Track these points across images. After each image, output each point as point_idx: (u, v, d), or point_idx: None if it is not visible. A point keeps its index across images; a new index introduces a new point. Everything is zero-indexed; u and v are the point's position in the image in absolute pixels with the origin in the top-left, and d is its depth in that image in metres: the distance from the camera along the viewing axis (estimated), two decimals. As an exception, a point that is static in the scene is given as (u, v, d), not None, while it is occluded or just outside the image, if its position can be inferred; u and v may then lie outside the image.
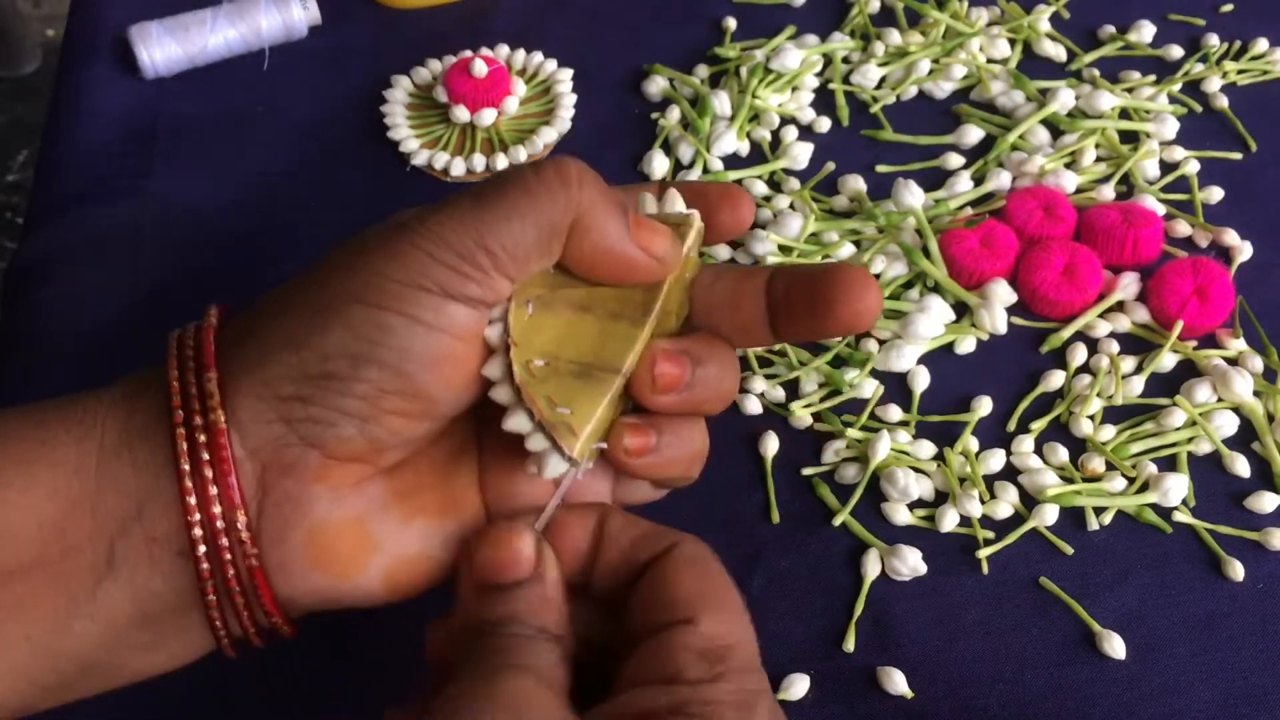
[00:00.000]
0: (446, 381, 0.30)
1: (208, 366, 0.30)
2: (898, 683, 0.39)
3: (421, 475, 0.32)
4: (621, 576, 0.31)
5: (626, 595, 0.30)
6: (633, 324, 0.31)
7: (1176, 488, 0.42)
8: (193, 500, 0.28)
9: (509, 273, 0.30)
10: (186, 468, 0.28)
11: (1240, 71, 0.57)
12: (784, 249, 0.50)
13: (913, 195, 0.51)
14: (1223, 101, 0.56)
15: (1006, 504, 0.43)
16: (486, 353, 0.30)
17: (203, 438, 0.29)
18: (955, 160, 0.54)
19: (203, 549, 0.29)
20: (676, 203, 0.34)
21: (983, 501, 0.43)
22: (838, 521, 0.43)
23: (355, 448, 0.29)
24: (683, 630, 0.29)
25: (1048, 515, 0.42)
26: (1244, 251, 0.50)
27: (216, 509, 0.28)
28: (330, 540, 0.30)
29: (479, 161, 0.54)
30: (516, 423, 0.30)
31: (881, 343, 0.47)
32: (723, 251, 0.51)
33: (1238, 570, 0.41)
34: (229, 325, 0.31)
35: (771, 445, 0.45)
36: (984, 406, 0.46)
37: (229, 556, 0.29)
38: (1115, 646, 0.39)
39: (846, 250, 0.50)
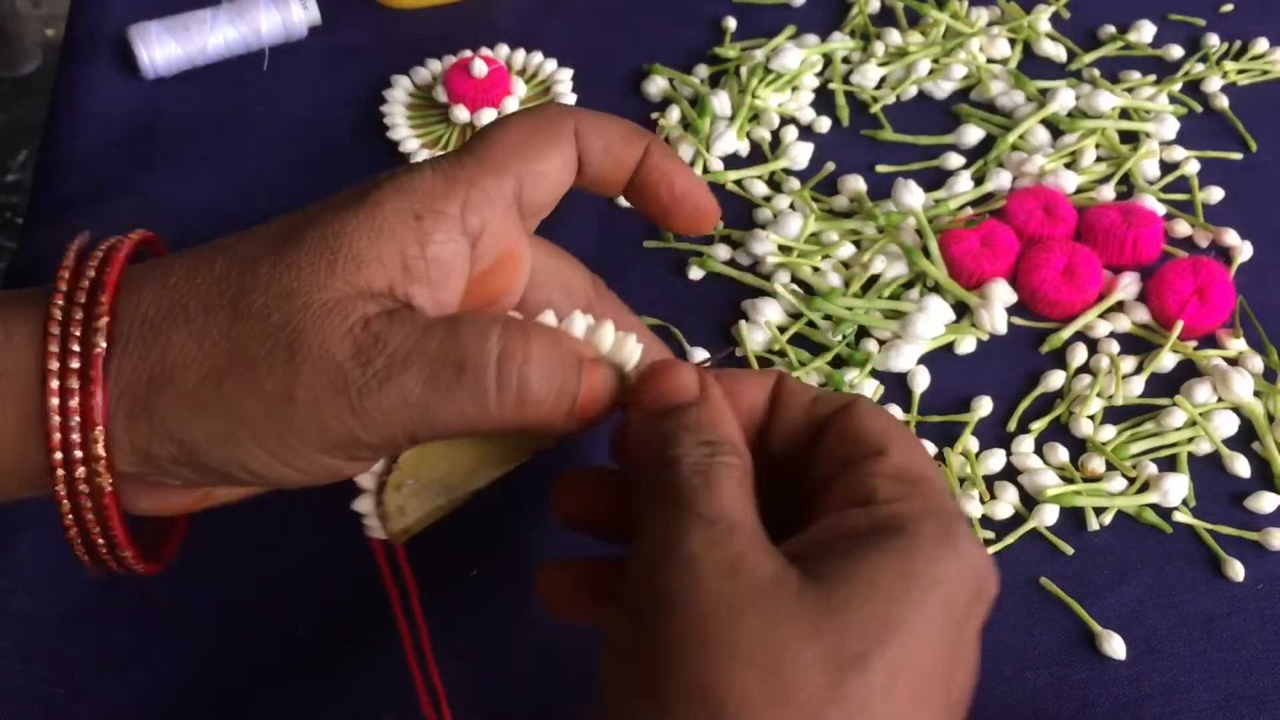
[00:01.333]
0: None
1: (92, 389, 0.28)
2: (898, 683, 0.39)
3: None
4: (803, 433, 0.31)
5: (808, 453, 0.30)
6: (505, 460, 0.32)
7: (1176, 488, 0.42)
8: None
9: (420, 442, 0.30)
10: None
11: (1240, 71, 0.57)
12: (784, 249, 0.50)
13: (913, 195, 0.51)
14: (1223, 101, 0.56)
15: (1006, 504, 0.43)
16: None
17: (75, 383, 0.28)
18: (955, 160, 0.54)
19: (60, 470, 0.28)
20: (604, 336, 0.31)
21: (983, 501, 0.43)
22: (838, 521, 0.43)
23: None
24: (874, 459, 0.29)
25: (1048, 515, 0.42)
26: (1244, 251, 0.50)
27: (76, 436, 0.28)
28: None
29: (479, 161, 0.54)
30: (361, 504, 0.33)
31: (882, 343, 0.47)
32: (722, 252, 0.51)
33: (1238, 570, 0.41)
34: (127, 360, 0.29)
35: (771, 445, 0.45)
36: (984, 406, 0.46)
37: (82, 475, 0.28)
38: (1115, 647, 0.39)
39: (847, 250, 0.50)
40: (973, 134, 0.55)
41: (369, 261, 0.28)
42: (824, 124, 0.56)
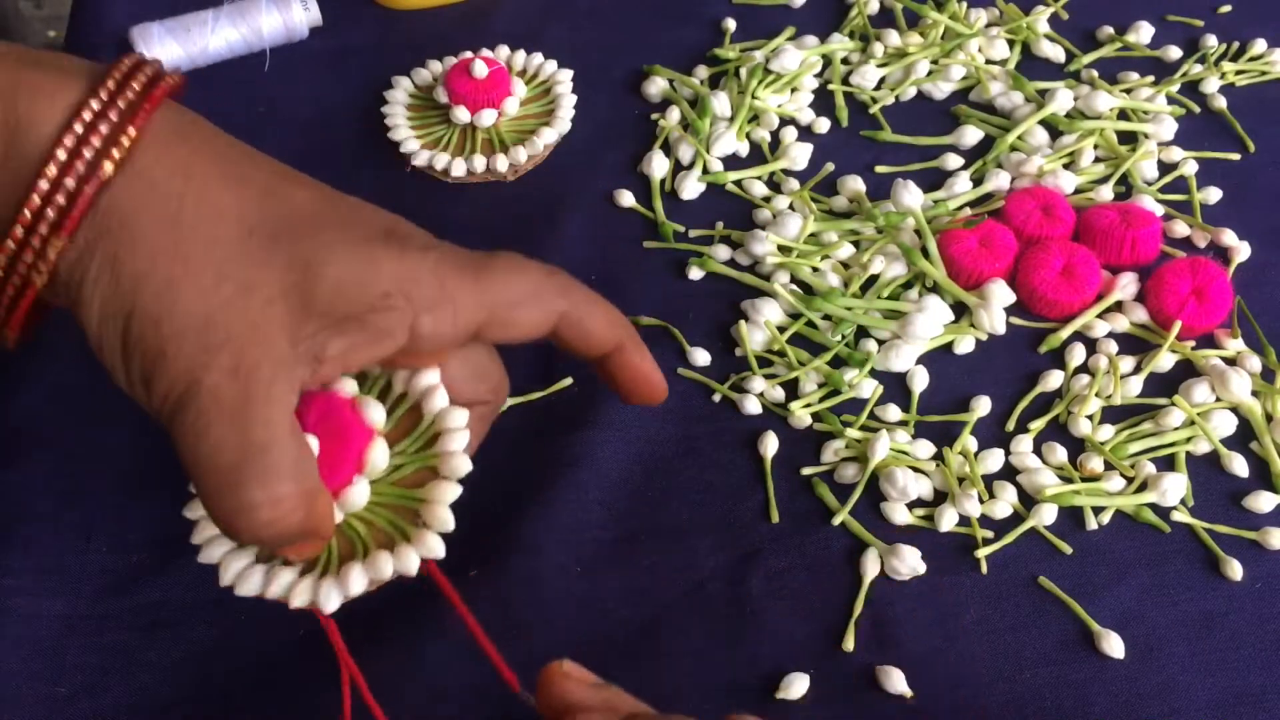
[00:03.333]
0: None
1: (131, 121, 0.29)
2: (897, 682, 0.39)
3: None
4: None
5: None
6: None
7: (1175, 487, 0.42)
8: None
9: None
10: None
11: (1238, 72, 0.58)
12: (783, 249, 0.50)
13: (912, 196, 0.51)
14: (1221, 102, 0.56)
15: (1005, 503, 0.43)
16: None
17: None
18: (954, 161, 0.54)
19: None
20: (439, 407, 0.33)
21: (981, 501, 0.43)
22: (837, 521, 0.43)
23: None
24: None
25: (1046, 515, 0.42)
26: (1242, 252, 0.50)
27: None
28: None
29: (479, 162, 0.54)
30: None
31: (881, 343, 0.47)
32: (722, 252, 0.51)
33: (1236, 570, 0.41)
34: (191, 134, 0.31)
35: (771, 445, 0.45)
36: (983, 406, 0.46)
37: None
38: (1114, 646, 0.39)
39: (846, 250, 0.50)
40: (971, 135, 0.55)
41: (321, 303, 0.30)
42: (823, 125, 0.56)
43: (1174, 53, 0.59)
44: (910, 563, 0.41)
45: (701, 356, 0.48)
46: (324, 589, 0.32)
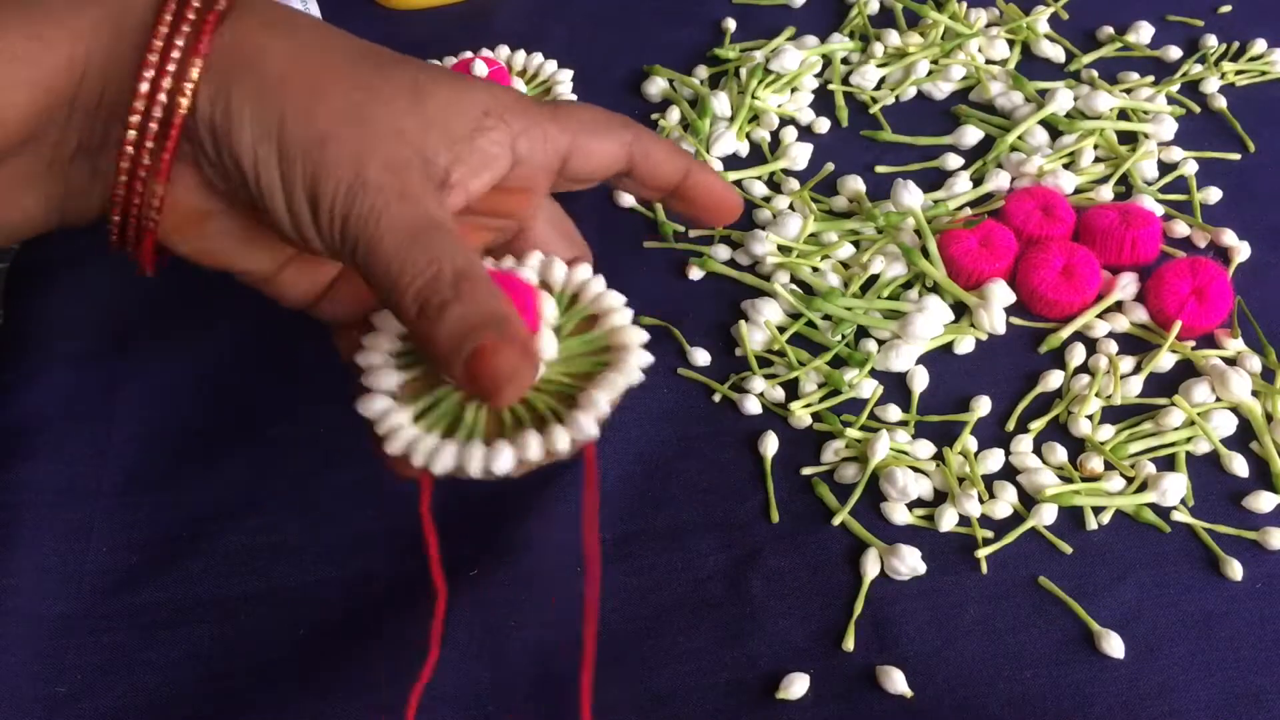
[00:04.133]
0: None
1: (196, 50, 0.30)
2: (897, 682, 0.39)
3: None
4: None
5: None
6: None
7: (1175, 487, 0.42)
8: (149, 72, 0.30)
9: (348, 262, 0.31)
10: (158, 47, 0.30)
11: (1238, 72, 0.58)
12: (783, 249, 0.50)
13: (912, 196, 0.51)
14: (1221, 102, 0.56)
15: (1005, 503, 0.43)
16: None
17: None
18: (954, 161, 0.54)
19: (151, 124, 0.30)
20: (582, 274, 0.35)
21: (982, 501, 0.43)
22: (837, 521, 0.43)
23: (207, 184, 0.32)
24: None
25: (1046, 515, 0.42)
26: (1242, 252, 0.50)
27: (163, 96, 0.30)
28: (173, 211, 0.32)
29: (479, 162, 0.54)
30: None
31: (881, 343, 0.47)
32: (722, 252, 0.51)
33: (1236, 570, 0.41)
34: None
35: (771, 445, 0.45)
36: (983, 406, 0.46)
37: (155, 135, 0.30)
38: (1114, 646, 0.39)
39: (846, 250, 0.50)
40: (972, 135, 0.55)
41: (438, 121, 0.32)
42: (823, 125, 0.56)
43: (1174, 53, 0.59)
44: (910, 563, 0.41)
45: (701, 356, 0.48)
46: (501, 451, 0.31)
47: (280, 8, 0.32)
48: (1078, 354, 0.47)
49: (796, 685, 0.39)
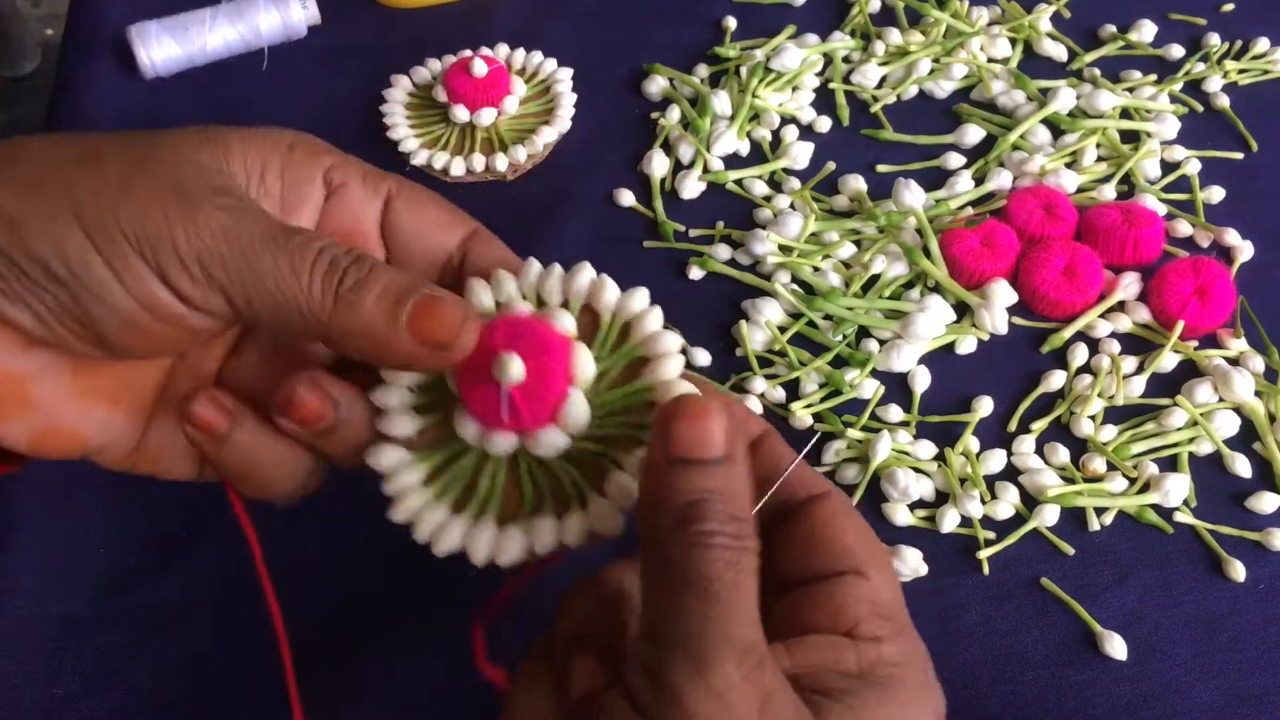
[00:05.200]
0: (130, 343, 0.29)
1: None
2: (898, 683, 0.39)
3: (122, 364, 0.31)
4: (772, 506, 0.31)
5: (774, 528, 0.30)
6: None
7: (1177, 488, 0.42)
8: None
9: (238, 308, 0.28)
10: None
11: (1241, 71, 0.57)
12: (784, 248, 0.50)
13: (913, 195, 0.50)
14: (1224, 101, 0.56)
15: (1007, 504, 0.43)
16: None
17: None
18: (956, 160, 0.54)
19: None
20: (503, 286, 0.31)
21: (983, 502, 0.43)
22: (838, 522, 0.42)
23: (27, 330, 0.28)
24: (856, 582, 0.29)
25: (1048, 516, 0.42)
26: (1245, 251, 0.50)
27: None
28: None
29: (478, 161, 0.54)
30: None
31: (882, 343, 0.47)
32: (722, 252, 0.51)
33: (1239, 571, 0.41)
34: None
35: (772, 445, 0.45)
36: (985, 407, 0.46)
37: None
38: (1116, 647, 0.39)
39: (847, 250, 0.50)
40: (973, 134, 0.55)
41: (236, 153, 0.30)
42: (824, 124, 0.56)
43: (1176, 51, 0.58)
44: (912, 564, 0.41)
45: (702, 356, 0.48)
46: (479, 535, 0.29)
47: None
48: (1080, 354, 0.47)
49: (797, 687, 0.39)
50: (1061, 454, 0.44)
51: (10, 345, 0.28)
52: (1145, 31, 0.59)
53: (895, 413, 0.46)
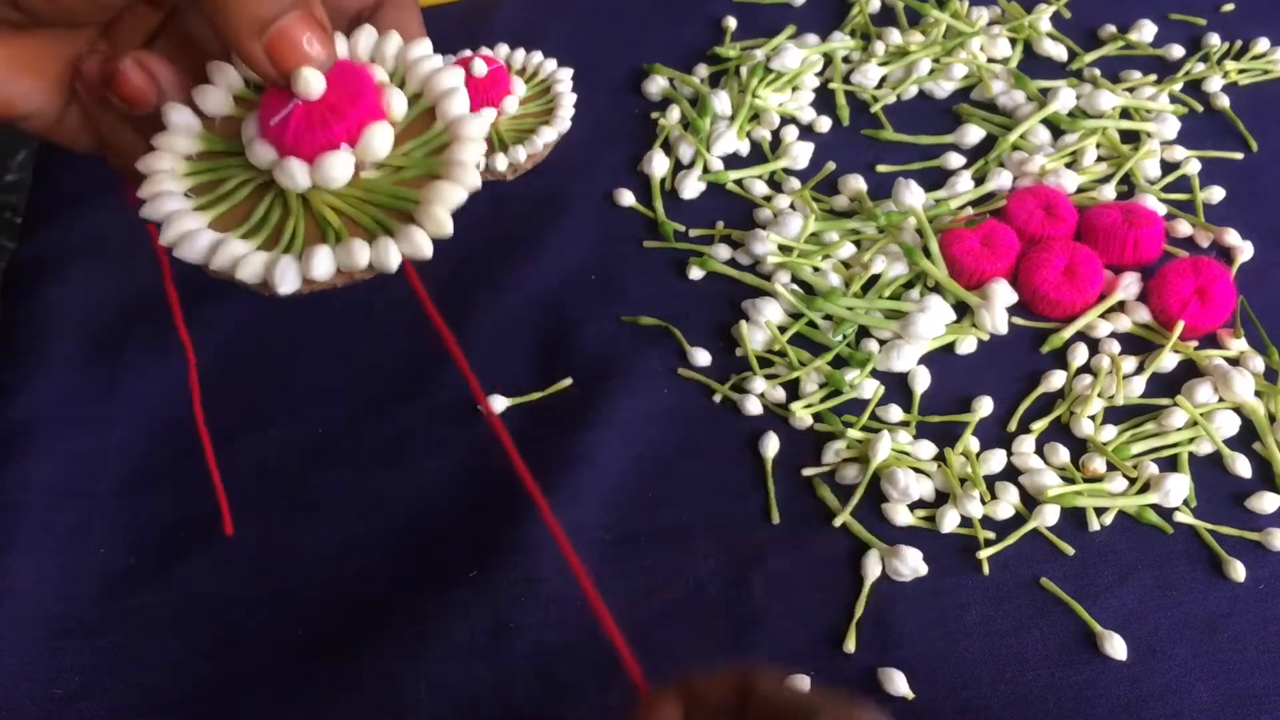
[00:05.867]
0: (47, 6, 0.29)
1: None
2: (898, 684, 0.39)
3: (49, 38, 0.31)
4: None
5: None
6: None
7: (1177, 488, 0.42)
8: None
9: None
10: None
11: (1241, 71, 0.57)
12: (784, 248, 0.50)
13: (913, 195, 0.50)
14: (1224, 101, 0.56)
15: (1007, 504, 0.43)
16: None
17: None
18: (956, 160, 0.54)
19: None
20: (374, 43, 0.30)
21: (983, 502, 0.43)
22: (838, 522, 0.43)
23: None
24: None
25: (1049, 516, 0.42)
26: (1245, 251, 0.50)
27: None
28: None
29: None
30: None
31: (882, 343, 0.47)
32: (722, 252, 0.51)
33: (1239, 571, 0.41)
34: None
35: (772, 446, 0.45)
36: (985, 407, 0.46)
37: None
38: (1116, 647, 0.39)
39: (847, 250, 0.50)
40: (973, 133, 0.55)
41: None
42: (824, 124, 0.56)
43: (1176, 51, 0.58)
44: (912, 564, 0.41)
45: (702, 357, 0.48)
46: (281, 264, 0.27)
47: None
48: (1080, 354, 0.47)
49: (797, 687, 0.39)
50: (1061, 454, 0.44)
51: None
52: (1145, 31, 0.59)
53: (895, 413, 0.46)
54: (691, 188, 0.53)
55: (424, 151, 0.29)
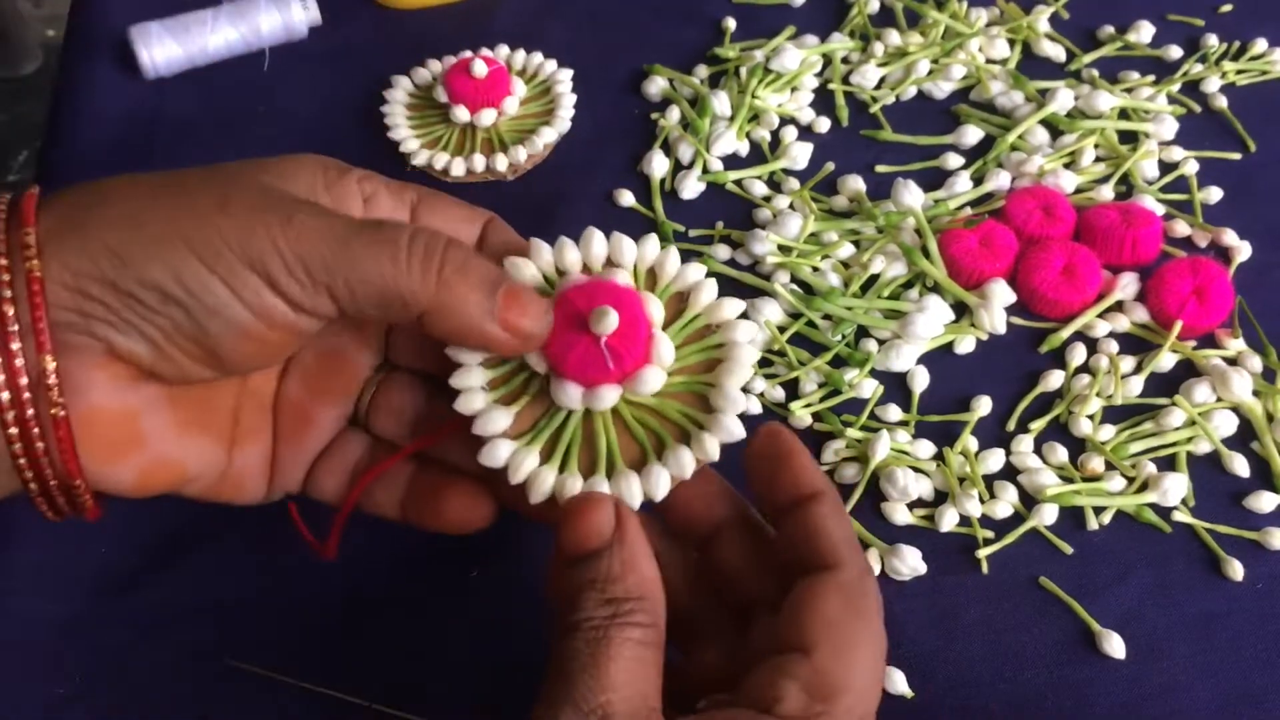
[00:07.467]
0: (244, 354, 0.30)
1: (25, 222, 0.29)
2: (897, 682, 0.39)
3: (206, 391, 0.32)
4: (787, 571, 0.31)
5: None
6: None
7: (1176, 487, 0.42)
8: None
9: (341, 303, 0.30)
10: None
11: (1239, 72, 0.58)
12: (783, 249, 0.50)
13: (912, 195, 0.51)
14: (1221, 102, 0.56)
15: (1006, 504, 0.43)
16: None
17: (12, 281, 0.28)
18: (954, 160, 0.54)
19: (5, 394, 0.28)
20: (540, 253, 0.35)
21: (982, 501, 0.43)
22: (837, 521, 0.43)
23: (140, 360, 0.29)
24: (794, 659, 0.28)
25: (1047, 515, 0.42)
26: (1243, 251, 0.50)
27: (20, 361, 0.28)
28: (102, 427, 0.30)
29: (479, 161, 0.54)
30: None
31: (881, 343, 0.47)
32: (722, 252, 0.51)
33: (1237, 570, 0.41)
34: (59, 200, 0.30)
35: (771, 445, 0.45)
36: (983, 406, 0.46)
37: (29, 402, 0.28)
38: (1115, 646, 0.39)
39: (846, 250, 0.50)
40: (972, 134, 0.55)
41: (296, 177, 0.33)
42: (824, 124, 0.56)
43: (1175, 52, 0.58)
44: (911, 563, 0.41)
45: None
46: (629, 486, 0.32)
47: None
48: (1078, 354, 0.47)
49: (797, 685, 0.39)
50: (1060, 453, 0.44)
51: (120, 381, 0.30)
52: (1143, 32, 0.59)
53: (894, 412, 0.46)
54: (691, 188, 0.53)
55: (682, 337, 0.34)
